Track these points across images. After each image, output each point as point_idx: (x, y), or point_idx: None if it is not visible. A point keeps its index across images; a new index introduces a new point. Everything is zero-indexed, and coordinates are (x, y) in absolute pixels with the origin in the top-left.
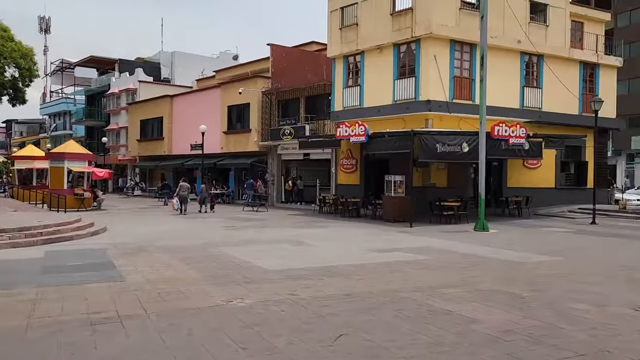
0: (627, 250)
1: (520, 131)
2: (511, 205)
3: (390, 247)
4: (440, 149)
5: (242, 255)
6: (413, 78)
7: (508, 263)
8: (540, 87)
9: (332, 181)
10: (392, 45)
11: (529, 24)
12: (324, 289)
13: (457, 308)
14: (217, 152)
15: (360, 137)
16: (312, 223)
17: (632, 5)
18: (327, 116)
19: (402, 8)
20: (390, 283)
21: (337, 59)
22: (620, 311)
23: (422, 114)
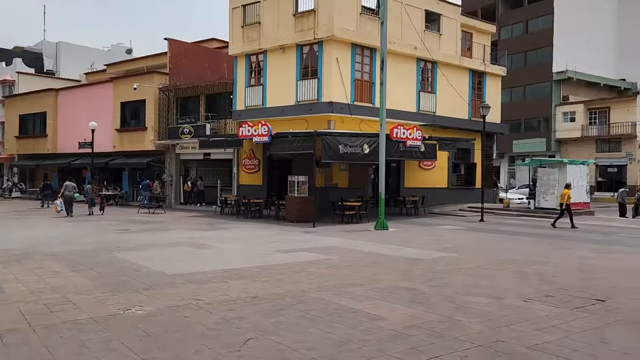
0: (513, 245)
1: (417, 134)
2: (408, 204)
3: (295, 248)
4: (342, 150)
5: (140, 260)
6: (316, 79)
7: (408, 260)
8: (435, 92)
9: (234, 182)
10: (294, 46)
11: (424, 32)
12: (230, 292)
13: (363, 306)
14: (109, 151)
15: (263, 137)
16: (214, 225)
17: (513, 19)
18: (228, 115)
19: (304, 9)
20: (297, 283)
21: (239, 57)
22: (512, 302)
23: (324, 115)
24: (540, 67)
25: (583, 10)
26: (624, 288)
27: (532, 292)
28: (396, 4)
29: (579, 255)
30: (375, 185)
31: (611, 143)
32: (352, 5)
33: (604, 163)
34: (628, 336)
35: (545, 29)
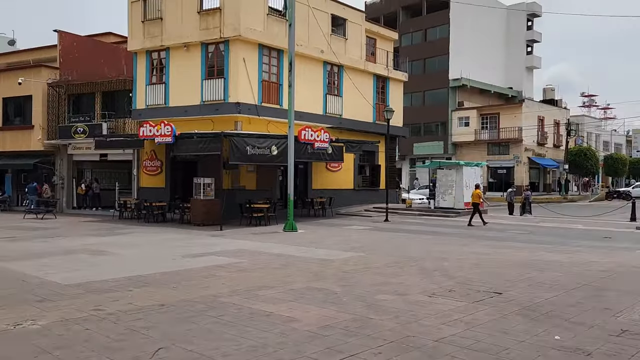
0: (416, 244)
1: (325, 136)
2: (316, 206)
3: (202, 252)
4: (250, 152)
5: (30, 270)
6: (222, 79)
7: (318, 261)
8: (341, 95)
9: (134, 184)
10: (200, 44)
11: (330, 35)
12: (135, 300)
13: (276, 309)
14: None
15: (167, 137)
16: (113, 230)
17: (413, 27)
18: (127, 114)
19: (210, 7)
20: (208, 288)
21: (140, 53)
22: (418, 298)
23: (231, 116)
24: (438, 74)
25: (476, 21)
26: (517, 281)
27: (436, 288)
28: (303, 7)
29: (475, 251)
30: (284, 187)
31: (501, 146)
32: (259, 5)
33: (494, 165)
34: (524, 325)
35: (442, 38)
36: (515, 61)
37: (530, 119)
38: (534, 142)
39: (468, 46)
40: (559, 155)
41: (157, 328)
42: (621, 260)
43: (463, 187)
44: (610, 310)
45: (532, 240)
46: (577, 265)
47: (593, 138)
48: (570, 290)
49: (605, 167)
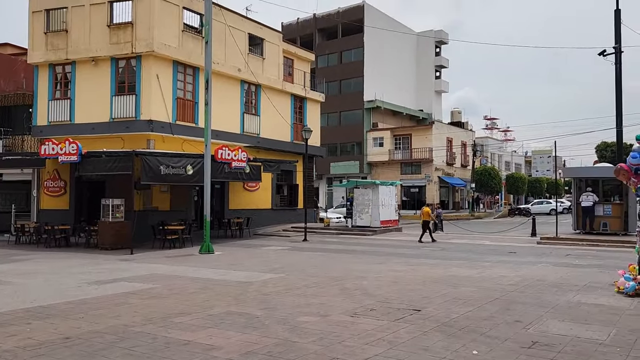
0: (335, 263)
1: (242, 155)
2: (233, 226)
3: (111, 278)
4: (164, 171)
5: None
6: (134, 96)
7: (237, 284)
8: (259, 114)
9: (34, 206)
10: (109, 59)
11: (248, 54)
12: (35, 334)
13: (195, 336)
14: None
15: (72, 156)
16: (8, 257)
17: (329, 49)
18: (27, 131)
19: (121, 21)
20: (118, 318)
21: (41, 66)
22: (341, 319)
23: (143, 134)
24: (353, 95)
25: (389, 46)
26: (434, 297)
27: (357, 307)
28: (220, 25)
29: (392, 268)
30: (199, 208)
31: (413, 166)
32: (174, 21)
33: (407, 184)
34: (444, 342)
35: (357, 60)
36: (425, 85)
37: (439, 140)
38: (443, 162)
39: (382, 69)
40: (466, 175)
41: None
42: (526, 274)
43: (379, 206)
44: (521, 322)
45: (445, 256)
46: (487, 280)
47: (496, 158)
48: (483, 304)
49: (507, 185)
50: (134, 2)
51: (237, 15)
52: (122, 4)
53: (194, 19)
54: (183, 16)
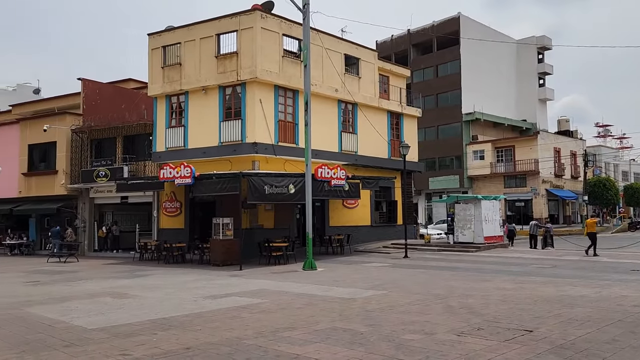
0: (439, 280)
1: (341, 173)
2: (334, 243)
3: (224, 293)
4: (268, 191)
5: (55, 315)
6: (239, 120)
7: (340, 300)
8: (356, 132)
9: (154, 226)
10: (217, 87)
11: (344, 74)
12: (160, 344)
13: (303, 350)
14: (14, 197)
15: (186, 179)
16: (134, 272)
17: (424, 64)
18: (147, 157)
19: (227, 51)
20: (232, 331)
21: (159, 98)
22: (447, 337)
23: (248, 156)
24: (450, 109)
25: (487, 56)
26: (547, 317)
27: (464, 326)
28: (318, 48)
29: (499, 286)
30: (301, 225)
31: (517, 179)
32: (275, 48)
33: (512, 198)
34: None
35: (453, 73)
36: (528, 94)
37: (546, 150)
38: (551, 174)
39: (480, 80)
40: (578, 187)
41: None
42: None
43: (482, 221)
44: None
45: (557, 274)
46: (606, 300)
47: (611, 168)
48: (603, 326)
49: (626, 197)
50: (239, 33)
51: (332, 37)
52: (227, 36)
53: (292, 44)
54: (283, 42)
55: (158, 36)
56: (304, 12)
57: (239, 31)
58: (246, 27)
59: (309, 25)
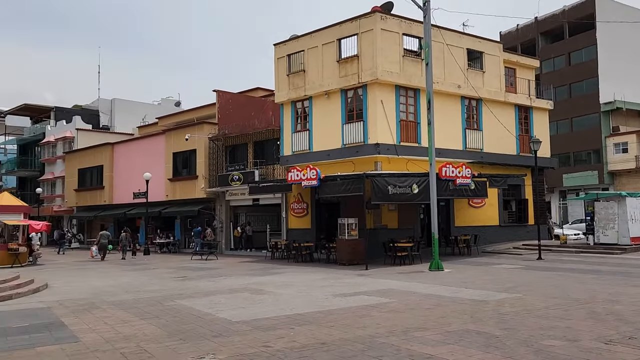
0: (579, 284)
1: (466, 172)
2: (460, 243)
3: (352, 291)
4: (391, 191)
5: (202, 307)
6: (361, 122)
7: (471, 302)
8: (481, 129)
9: (283, 226)
10: (339, 91)
11: (467, 70)
12: (297, 338)
13: (436, 351)
14: (162, 200)
15: (312, 181)
16: (267, 270)
17: (554, 52)
18: (276, 161)
19: (348, 55)
20: (363, 329)
21: (285, 104)
22: (593, 345)
23: (371, 157)
24: (586, 99)
25: (628, 38)
26: None
27: (612, 334)
28: (438, 44)
29: None
30: (425, 225)
31: None
32: (395, 48)
33: None
34: None
35: (588, 60)
36: None
37: None
38: None
39: (620, 66)
40: None
41: None
42: None
43: (627, 220)
44: None
45: None
46: None
47: None
48: None
49: None
50: (359, 36)
51: (454, 32)
52: (348, 40)
53: (413, 43)
54: (403, 42)
55: (283, 45)
56: (424, 9)
57: (359, 34)
58: (366, 29)
59: (429, 23)
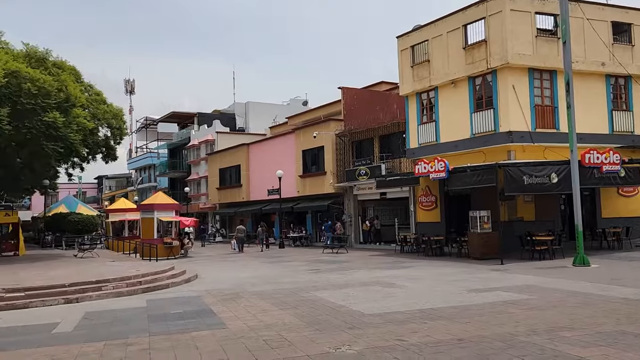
0: None
1: (615, 157)
2: (609, 237)
3: (486, 287)
4: (527, 181)
5: (336, 299)
6: (491, 110)
7: (624, 301)
8: (631, 109)
9: (412, 219)
10: (466, 79)
11: (612, 45)
12: (432, 333)
13: (586, 353)
14: (294, 196)
15: (441, 173)
16: (396, 263)
17: None
18: (402, 154)
19: (474, 41)
20: (502, 326)
21: (410, 96)
22: None
23: (503, 146)
24: None
25: None
26: None
27: None
28: (577, 20)
29: None
30: (567, 217)
31: None
32: (526, 29)
33: None
34: None
35: None
36: None
37: None
38: None
39: None
40: None
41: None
42: None
43: None
44: None
45: None
46: None
47: None
48: None
49: None
50: (486, 20)
51: (595, 5)
52: (475, 25)
53: (546, 21)
54: (535, 21)
55: (406, 37)
56: None
57: (487, 18)
58: (494, 12)
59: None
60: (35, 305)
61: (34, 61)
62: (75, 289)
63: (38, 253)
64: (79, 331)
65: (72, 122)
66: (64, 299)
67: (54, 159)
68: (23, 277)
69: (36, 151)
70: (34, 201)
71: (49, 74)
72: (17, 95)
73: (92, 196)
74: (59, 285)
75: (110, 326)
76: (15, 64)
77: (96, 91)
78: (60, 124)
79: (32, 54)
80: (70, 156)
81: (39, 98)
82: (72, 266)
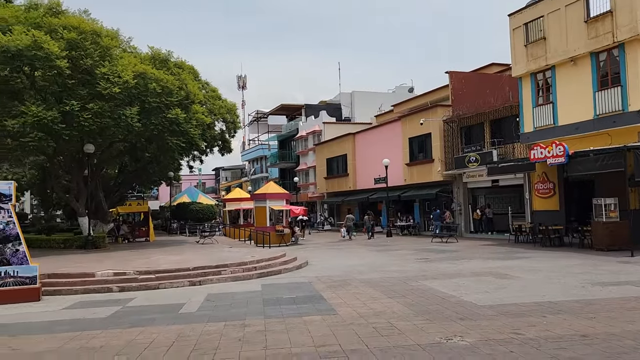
0: None
1: None
2: None
3: (615, 280)
4: None
5: (446, 289)
6: (619, 87)
7: None
8: None
9: (527, 208)
10: (588, 55)
11: None
12: (552, 328)
13: None
14: (400, 185)
15: (559, 157)
16: (510, 254)
17: None
18: (515, 139)
19: (598, 13)
20: (632, 323)
21: (524, 77)
22: None
23: (632, 127)
24: None
25: None
26: None
27: None
28: None
29: None
30: None
31: None
32: None
33: None
34: None
35: None
36: None
37: None
38: None
39: None
40: None
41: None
42: None
43: None
44: None
45: None
46: None
47: None
48: None
49: None
50: None
51: None
52: None
53: None
54: None
55: (519, 14)
56: None
57: None
58: None
59: None
60: (164, 287)
61: (158, 62)
62: (198, 272)
63: (166, 239)
64: (202, 312)
65: (192, 118)
66: (188, 282)
67: (177, 152)
68: (153, 260)
69: (162, 146)
70: (161, 192)
71: (171, 74)
72: (144, 94)
73: (210, 187)
74: (184, 269)
75: (230, 308)
76: (142, 66)
77: (212, 88)
78: (181, 120)
79: (156, 56)
80: (191, 149)
81: (163, 96)
82: (195, 251)
